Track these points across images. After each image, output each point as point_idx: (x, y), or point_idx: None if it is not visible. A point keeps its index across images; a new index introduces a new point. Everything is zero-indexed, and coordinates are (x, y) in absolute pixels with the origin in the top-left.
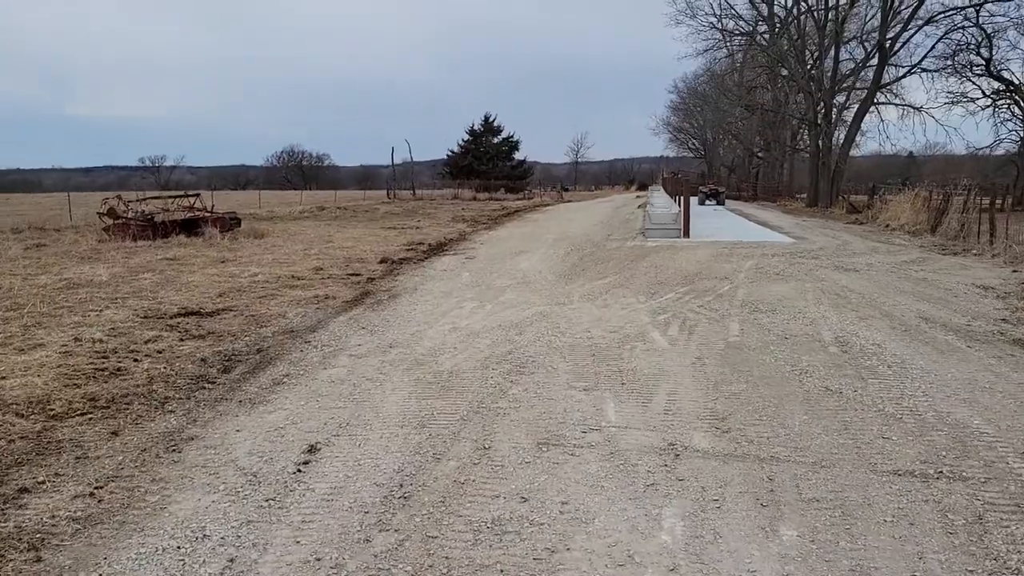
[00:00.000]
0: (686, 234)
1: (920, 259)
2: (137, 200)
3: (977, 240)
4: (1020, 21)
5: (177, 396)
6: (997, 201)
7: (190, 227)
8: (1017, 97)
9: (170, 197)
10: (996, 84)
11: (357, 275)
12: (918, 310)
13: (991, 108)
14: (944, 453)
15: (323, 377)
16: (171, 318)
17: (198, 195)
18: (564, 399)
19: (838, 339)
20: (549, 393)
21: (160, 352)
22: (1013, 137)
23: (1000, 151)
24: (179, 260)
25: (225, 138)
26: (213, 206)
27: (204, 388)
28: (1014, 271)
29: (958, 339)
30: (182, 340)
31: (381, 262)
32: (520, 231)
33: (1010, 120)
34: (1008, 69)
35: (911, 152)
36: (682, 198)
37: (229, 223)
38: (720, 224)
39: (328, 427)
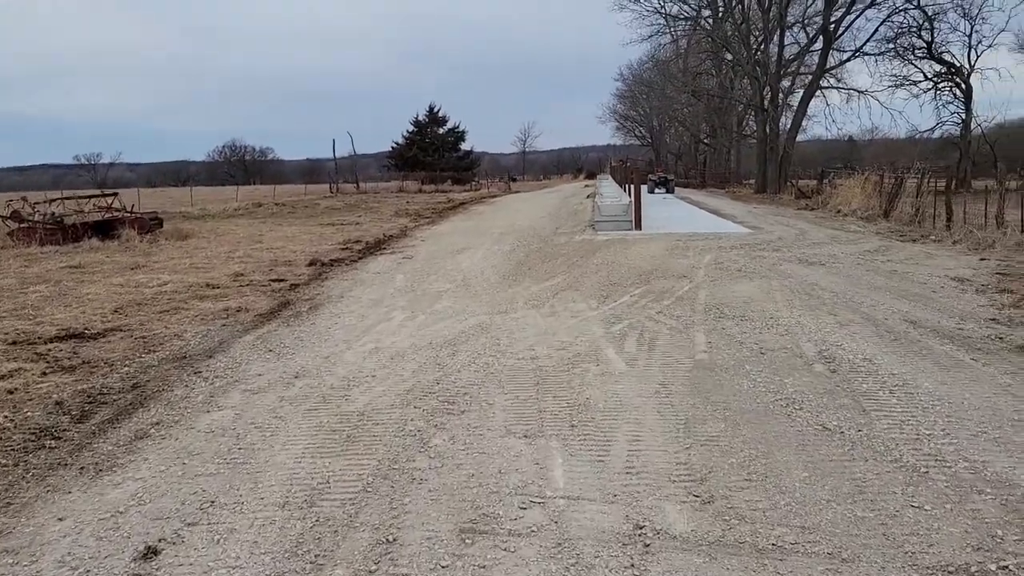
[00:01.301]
0: (638, 226)
1: (882, 248)
2: (46, 201)
3: (933, 225)
4: (960, 3)
5: (3, 462)
6: (929, 183)
7: (105, 229)
8: (958, 79)
9: (85, 197)
10: (937, 67)
11: (280, 281)
12: (900, 310)
13: (933, 91)
14: (999, 532)
15: (202, 425)
16: (45, 343)
17: (116, 194)
18: (500, 452)
19: (822, 353)
20: (481, 443)
21: (11, 393)
22: (955, 119)
23: (937, 134)
24: (84, 268)
25: (166, 134)
26: (134, 206)
27: (44, 448)
28: (981, 259)
29: (956, 348)
30: (45, 374)
31: (310, 264)
32: (464, 225)
33: (952, 103)
34: (949, 52)
35: (851, 136)
36: (632, 187)
37: (149, 224)
38: (672, 214)
39: (185, 509)
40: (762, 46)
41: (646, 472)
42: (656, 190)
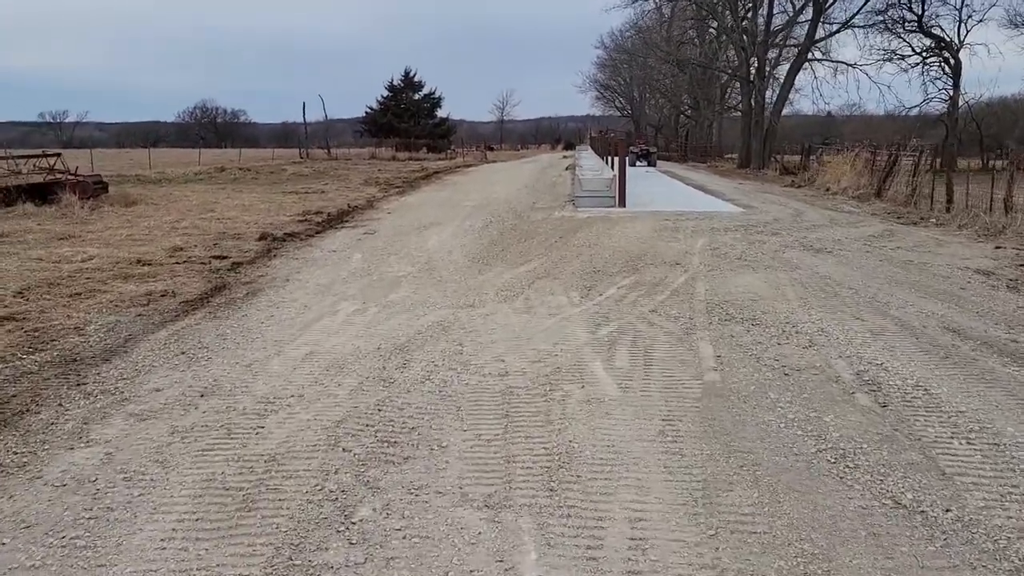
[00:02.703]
0: (622, 203)
1: (886, 232)
2: None
3: (931, 207)
4: None
5: None
6: (927, 162)
7: (43, 193)
8: (947, 54)
9: (22, 157)
10: (927, 41)
11: (222, 258)
12: (934, 314)
13: (921, 65)
14: None
15: (55, 473)
16: None
17: (59, 155)
18: (449, 537)
19: (862, 377)
20: (425, 518)
21: None
22: (942, 96)
23: (924, 111)
24: (6, 237)
25: (137, 92)
26: (78, 168)
27: None
28: (997, 247)
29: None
30: None
31: (260, 239)
32: (436, 196)
33: (939, 78)
34: (939, 26)
35: (830, 112)
36: (615, 159)
37: (92, 188)
38: (656, 189)
39: None
40: (749, 14)
41: None
42: (637, 163)
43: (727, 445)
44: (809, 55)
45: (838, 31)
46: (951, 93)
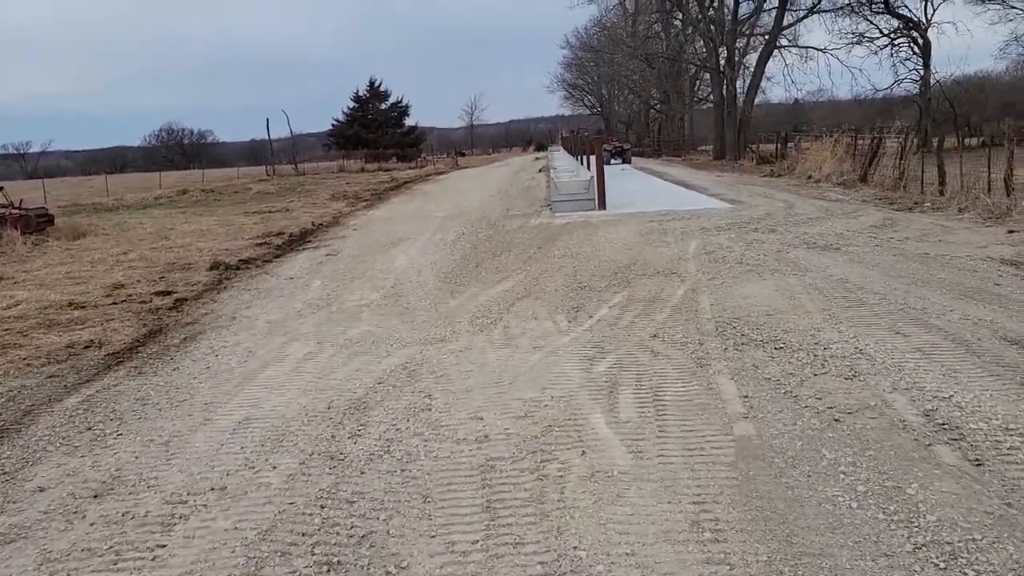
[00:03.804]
0: (601, 205)
1: (887, 222)
2: None
3: (922, 190)
4: None
5: None
6: (912, 144)
7: None
8: (916, 34)
9: None
10: (894, 22)
11: (167, 294)
12: (982, 320)
13: (890, 47)
14: None
15: None
16: None
17: (0, 188)
18: None
19: (932, 419)
20: None
21: None
22: (913, 77)
23: (895, 93)
24: None
25: (103, 119)
26: (22, 201)
27: None
28: (1010, 231)
29: None
30: None
31: (211, 268)
32: (405, 208)
33: (909, 59)
34: (905, 6)
35: (797, 99)
36: (591, 159)
37: (36, 222)
38: (635, 187)
39: None
40: (715, 4)
41: None
42: (612, 161)
43: (788, 543)
44: (778, 42)
45: (805, 16)
46: (921, 73)
